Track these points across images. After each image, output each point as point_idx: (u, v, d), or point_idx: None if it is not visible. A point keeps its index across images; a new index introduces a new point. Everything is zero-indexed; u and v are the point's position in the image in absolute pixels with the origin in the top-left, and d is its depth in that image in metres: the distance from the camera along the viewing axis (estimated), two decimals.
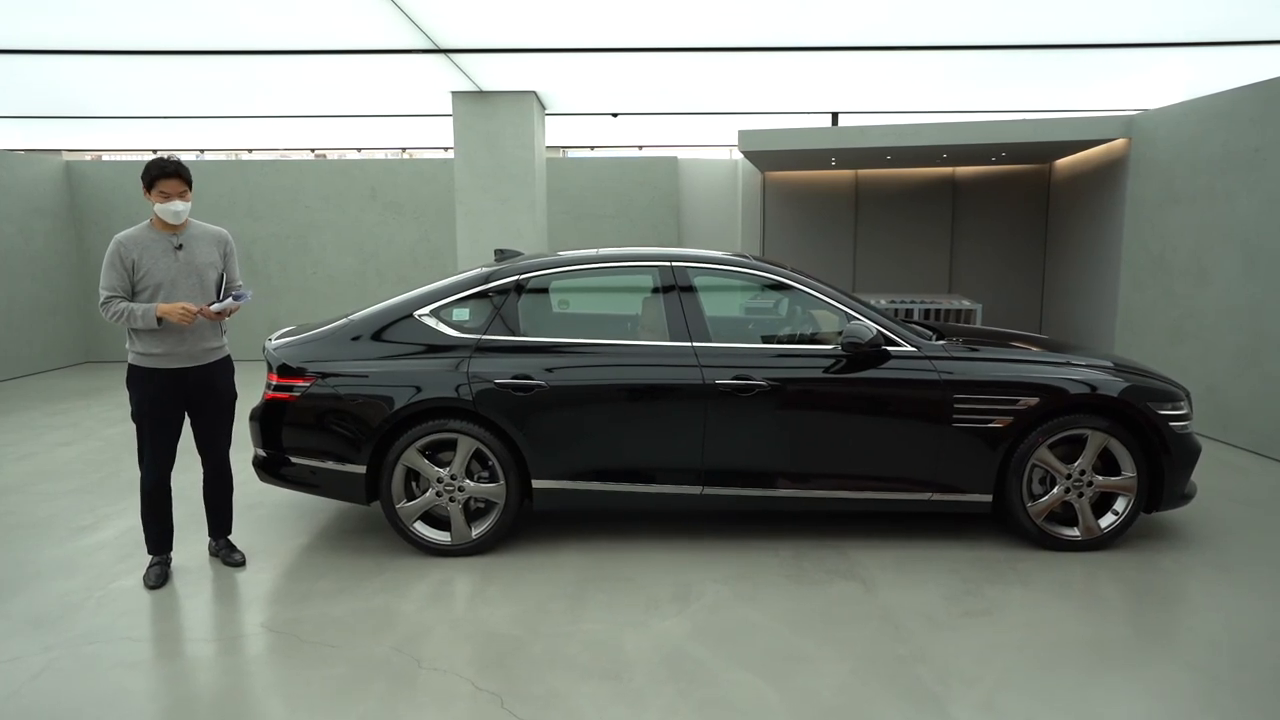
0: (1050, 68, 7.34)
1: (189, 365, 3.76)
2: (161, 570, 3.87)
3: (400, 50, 6.48)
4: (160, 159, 3.64)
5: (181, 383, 3.75)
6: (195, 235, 3.80)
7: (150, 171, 3.62)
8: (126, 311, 3.60)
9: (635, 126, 10.73)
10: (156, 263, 3.66)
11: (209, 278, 3.78)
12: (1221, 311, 6.17)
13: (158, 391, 3.72)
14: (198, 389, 3.81)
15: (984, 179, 9.89)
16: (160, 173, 3.61)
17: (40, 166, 10.10)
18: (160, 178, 3.61)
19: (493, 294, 4.28)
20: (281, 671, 3.09)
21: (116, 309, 3.60)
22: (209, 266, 3.79)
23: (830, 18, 5.73)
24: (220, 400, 3.91)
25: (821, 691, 2.91)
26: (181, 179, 3.66)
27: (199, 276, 3.75)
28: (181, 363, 3.73)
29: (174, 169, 3.62)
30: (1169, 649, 3.20)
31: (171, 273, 3.68)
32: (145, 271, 3.64)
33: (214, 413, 3.90)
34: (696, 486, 4.10)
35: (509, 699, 2.87)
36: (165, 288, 3.67)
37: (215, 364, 3.87)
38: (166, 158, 3.66)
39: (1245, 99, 5.97)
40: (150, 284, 3.65)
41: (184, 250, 3.72)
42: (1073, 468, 4.05)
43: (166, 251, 3.69)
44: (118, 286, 3.63)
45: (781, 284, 4.36)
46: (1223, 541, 4.27)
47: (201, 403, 3.85)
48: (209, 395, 3.86)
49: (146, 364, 3.70)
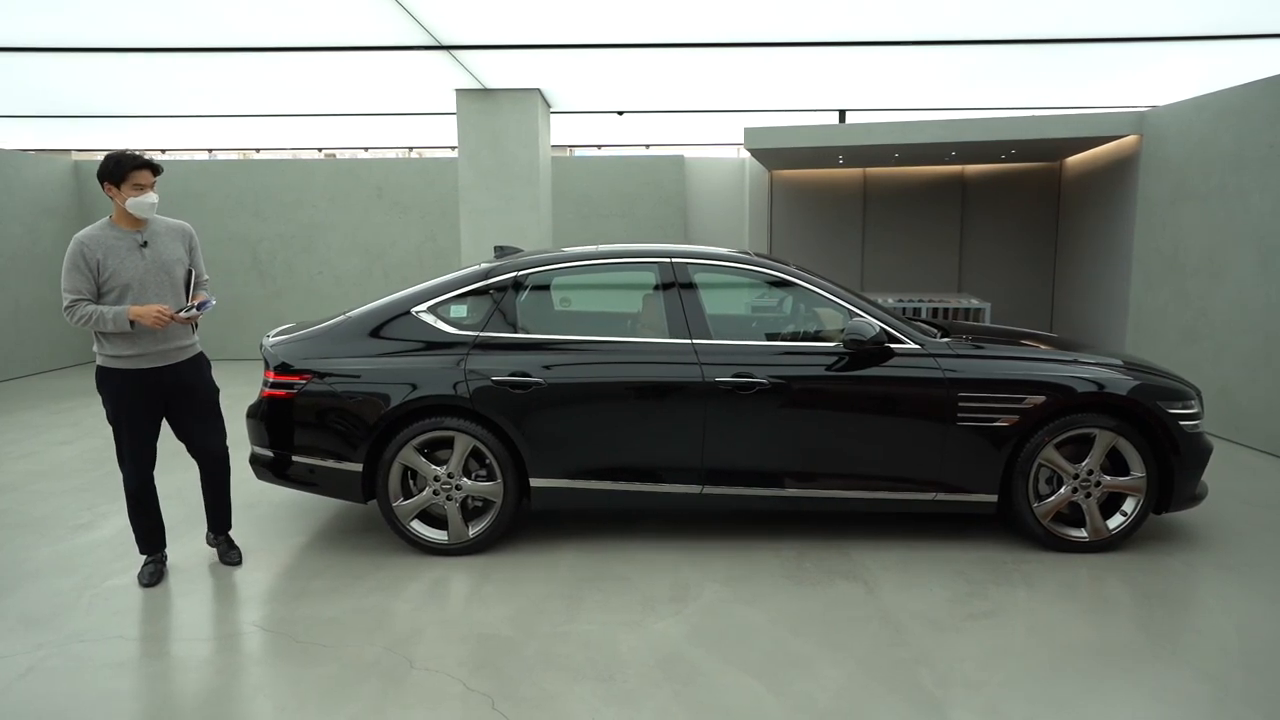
0: (1060, 63, 7.25)
1: (161, 365, 3.64)
2: (156, 569, 3.83)
3: (402, 47, 6.45)
4: (124, 151, 3.52)
5: (156, 383, 3.64)
6: (159, 231, 3.66)
7: (122, 165, 3.47)
8: (95, 315, 3.44)
9: (641, 125, 10.68)
10: (123, 262, 3.51)
11: (177, 274, 3.66)
12: (1235, 311, 6.07)
13: (132, 393, 3.60)
14: (174, 389, 3.70)
15: (993, 177, 9.79)
16: (133, 164, 3.48)
17: (48, 166, 10.13)
18: (134, 169, 3.48)
19: (491, 290, 4.23)
20: (271, 671, 3.05)
21: (83, 313, 3.44)
22: (176, 263, 3.67)
23: (837, 12, 5.67)
24: (200, 397, 3.80)
25: (819, 695, 2.85)
26: (152, 170, 3.55)
27: (167, 274, 3.62)
28: (154, 362, 3.61)
29: (145, 160, 3.52)
30: (1177, 654, 3.12)
31: (139, 271, 3.54)
32: (111, 272, 3.48)
33: (197, 410, 3.80)
34: (696, 485, 4.05)
35: (500, 700, 2.82)
36: (134, 288, 3.52)
37: (188, 362, 3.75)
38: (129, 150, 3.56)
39: (1259, 94, 5.87)
40: (117, 284, 3.50)
41: (149, 248, 3.59)
42: (1080, 467, 3.97)
43: (132, 250, 3.55)
44: (83, 289, 3.45)
45: (783, 280, 4.30)
46: (1234, 544, 4.18)
47: (181, 402, 3.74)
48: (186, 394, 3.75)
49: (118, 365, 3.57)
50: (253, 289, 10.64)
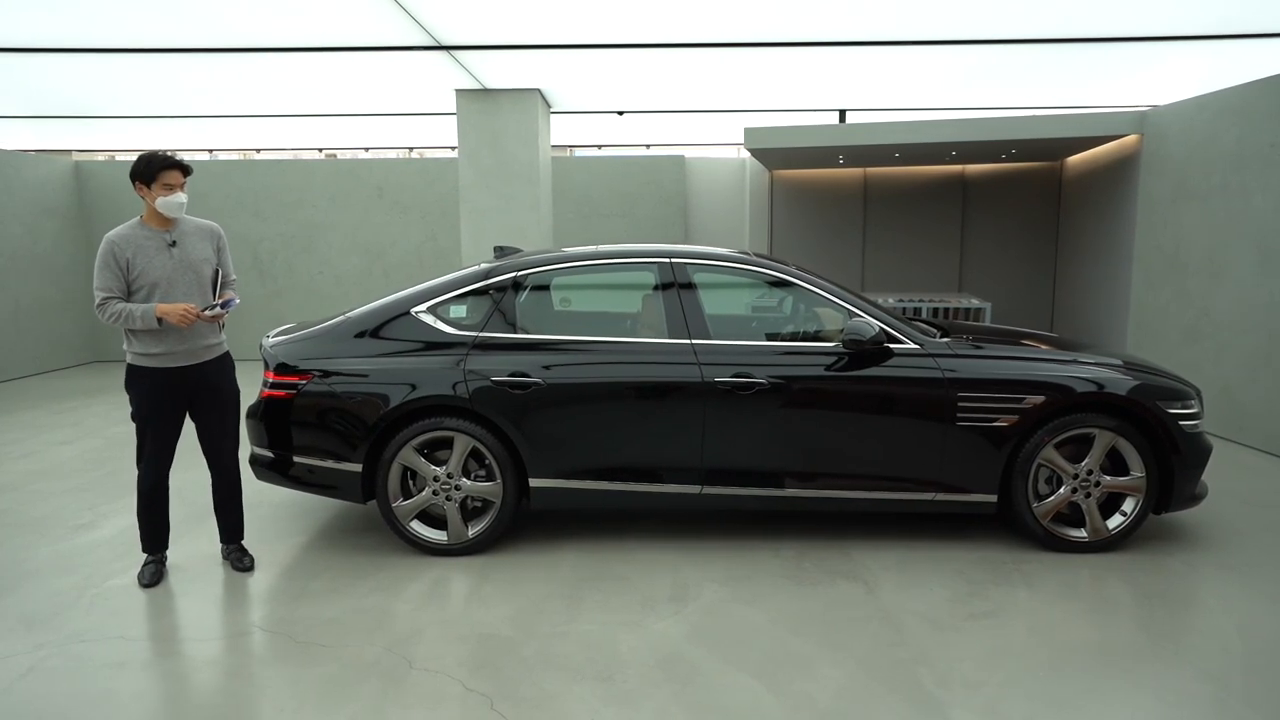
0: (1061, 62, 7.24)
1: (189, 364, 3.71)
2: (156, 569, 3.83)
3: (401, 47, 6.45)
4: (155, 152, 3.60)
5: (183, 381, 3.70)
6: (187, 231, 3.74)
7: (152, 165, 3.55)
8: (124, 312, 3.52)
9: (642, 125, 10.67)
10: (151, 261, 3.59)
11: (205, 274, 3.73)
12: (1236, 311, 6.06)
13: (159, 391, 3.66)
14: (200, 387, 3.76)
15: (994, 177, 9.79)
16: (163, 164, 3.56)
17: (48, 167, 10.14)
18: (164, 169, 3.56)
19: (490, 291, 4.23)
20: (271, 671, 3.05)
21: (114, 310, 3.53)
22: (204, 262, 3.74)
23: (838, 12, 5.66)
24: (223, 398, 3.86)
25: (819, 695, 2.85)
26: (181, 170, 3.62)
27: (195, 273, 3.69)
28: (182, 361, 3.68)
29: (175, 161, 3.60)
30: (1178, 654, 3.11)
31: (167, 271, 3.61)
32: (140, 270, 3.57)
33: (219, 411, 3.85)
34: (696, 486, 4.04)
35: (499, 700, 2.82)
36: (162, 286, 3.60)
37: (215, 360, 3.82)
38: (160, 151, 3.63)
39: (1260, 93, 5.86)
40: (146, 283, 3.59)
41: (178, 247, 3.67)
42: (1080, 467, 3.97)
43: (161, 249, 3.63)
44: (113, 287, 3.55)
45: (782, 280, 4.29)
46: (1234, 544, 4.17)
47: (205, 401, 3.80)
48: (212, 393, 3.81)
49: (147, 364, 3.64)
50: (253, 289, 10.64)
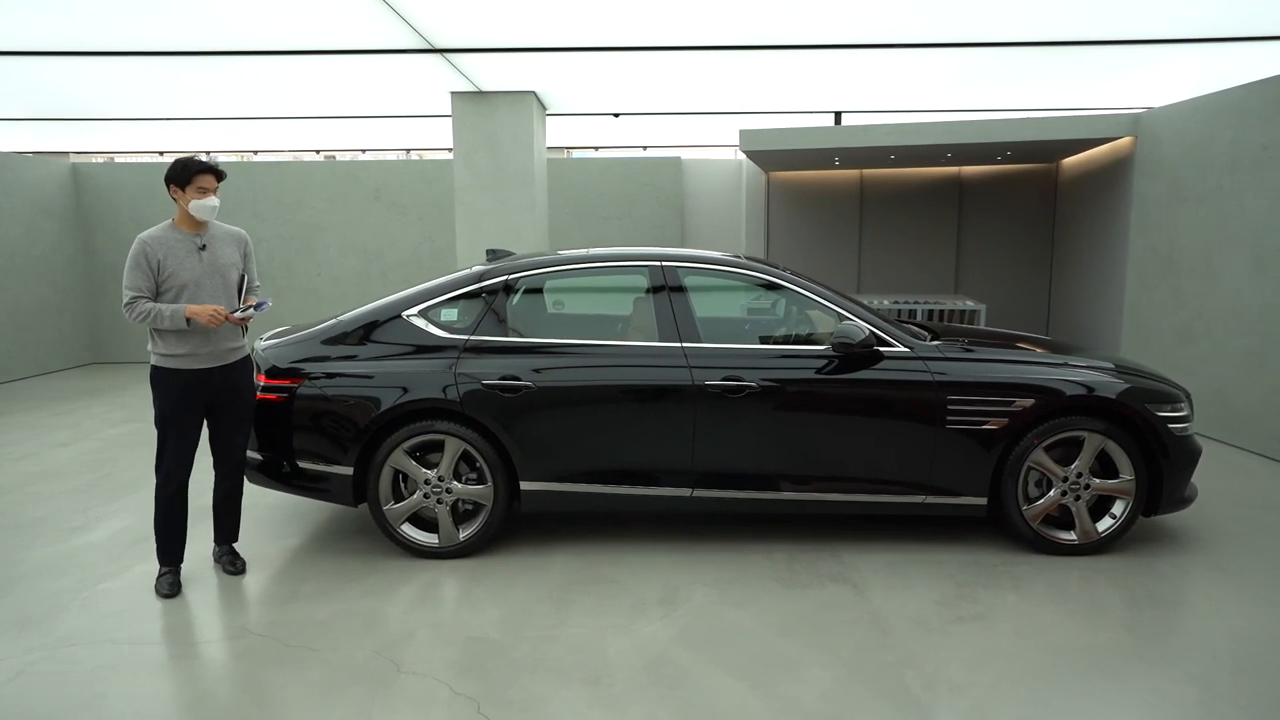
0: (1055, 65, 7.24)
1: (213, 365, 3.73)
2: (174, 580, 3.79)
3: (395, 50, 6.46)
4: (190, 156, 3.67)
5: (206, 383, 3.73)
6: (217, 235, 3.79)
7: (188, 169, 3.62)
8: (154, 312, 3.56)
9: (638, 127, 10.68)
10: (181, 263, 3.63)
11: (231, 278, 3.78)
12: (1230, 312, 6.06)
13: (183, 393, 3.68)
14: (222, 388, 3.79)
15: (989, 179, 9.79)
16: (198, 169, 3.62)
17: (46, 168, 10.16)
18: (199, 173, 3.62)
19: (481, 294, 4.24)
20: (259, 675, 3.05)
21: (142, 309, 3.57)
22: (231, 267, 3.78)
23: (833, 15, 5.67)
24: (242, 400, 3.89)
25: (805, 698, 2.85)
26: (215, 175, 3.68)
27: (222, 277, 3.74)
28: (205, 363, 3.71)
29: (210, 166, 3.66)
30: (1167, 657, 3.12)
31: (196, 273, 3.66)
32: (170, 272, 3.61)
33: (236, 414, 3.88)
34: (686, 488, 4.05)
35: (486, 704, 2.83)
36: (190, 288, 3.65)
37: (237, 363, 3.85)
38: (195, 156, 3.68)
39: (1253, 95, 5.87)
40: (175, 284, 3.63)
41: (207, 250, 3.71)
42: (1069, 470, 3.97)
43: (191, 252, 3.67)
44: (143, 287, 3.59)
45: (772, 284, 4.30)
46: (1225, 546, 4.18)
47: (224, 404, 3.82)
48: (232, 394, 3.83)
49: (171, 364, 3.67)
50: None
